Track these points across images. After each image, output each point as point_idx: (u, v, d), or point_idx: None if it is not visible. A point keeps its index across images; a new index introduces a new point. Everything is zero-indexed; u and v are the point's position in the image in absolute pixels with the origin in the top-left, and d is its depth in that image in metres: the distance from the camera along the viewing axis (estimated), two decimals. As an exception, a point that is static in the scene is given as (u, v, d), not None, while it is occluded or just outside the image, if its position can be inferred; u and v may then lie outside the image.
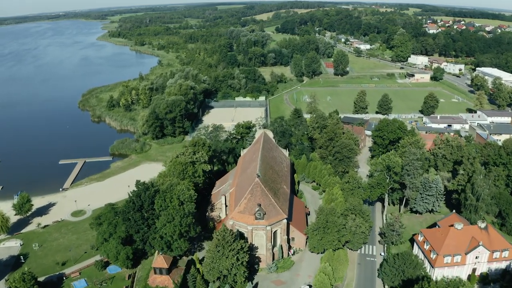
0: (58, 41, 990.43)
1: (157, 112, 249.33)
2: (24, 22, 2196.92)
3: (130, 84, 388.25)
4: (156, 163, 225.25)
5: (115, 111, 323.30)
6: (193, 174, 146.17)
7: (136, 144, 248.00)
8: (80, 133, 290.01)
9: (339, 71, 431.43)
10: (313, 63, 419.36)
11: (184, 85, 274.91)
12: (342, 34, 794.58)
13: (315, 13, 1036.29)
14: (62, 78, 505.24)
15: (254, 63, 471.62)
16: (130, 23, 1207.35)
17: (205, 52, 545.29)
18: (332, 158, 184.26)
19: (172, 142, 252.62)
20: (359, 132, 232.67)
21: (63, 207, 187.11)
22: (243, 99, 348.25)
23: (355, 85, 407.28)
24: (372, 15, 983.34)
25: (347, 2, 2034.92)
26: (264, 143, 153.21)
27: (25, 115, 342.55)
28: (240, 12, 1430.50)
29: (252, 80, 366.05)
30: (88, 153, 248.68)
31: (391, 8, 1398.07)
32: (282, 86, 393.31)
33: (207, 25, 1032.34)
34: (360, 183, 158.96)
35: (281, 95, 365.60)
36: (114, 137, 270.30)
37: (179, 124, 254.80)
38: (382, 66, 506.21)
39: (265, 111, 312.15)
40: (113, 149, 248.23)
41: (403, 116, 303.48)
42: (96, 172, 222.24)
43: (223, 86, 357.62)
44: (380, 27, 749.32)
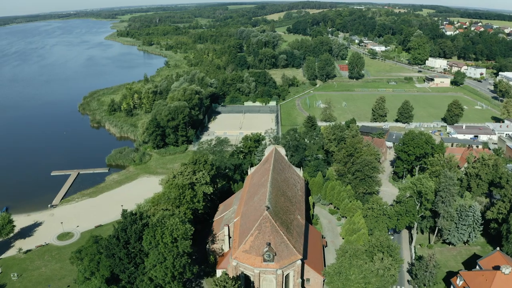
0: (65, 40, 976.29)
1: (158, 120, 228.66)
2: (35, 20, 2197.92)
3: (134, 87, 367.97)
4: (155, 177, 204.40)
5: (116, 116, 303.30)
6: (192, 199, 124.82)
7: (135, 154, 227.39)
8: (77, 139, 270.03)
9: (354, 74, 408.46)
10: (327, 65, 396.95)
11: (188, 89, 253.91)
12: (356, 35, 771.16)
13: (327, 13, 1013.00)
14: (65, 79, 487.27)
15: (265, 65, 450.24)
16: (140, 22, 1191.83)
17: (213, 53, 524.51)
18: (351, 176, 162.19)
19: (174, 152, 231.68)
20: (379, 145, 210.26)
21: (49, 227, 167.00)
22: (253, 104, 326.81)
23: (371, 89, 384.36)
24: (387, 15, 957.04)
25: (359, 2, 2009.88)
26: (275, 163, 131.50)
27: (22, 118, 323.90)
28: (251, 12, 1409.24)
29: (262, 84, 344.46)
30: (83, 163, 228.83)
31: (404, 9, 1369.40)
32: (294, 90, 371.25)
33: (217, 25, 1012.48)
34: (385, 209, 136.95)
35: (293, 100, 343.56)
36: (112, 145, 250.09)
37: (182, 133, 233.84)
38: (398, 69, 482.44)
39: (275, 117, 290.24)
40: (110, 159, 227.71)
41: (425, 125, 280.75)
42: (89, 186, 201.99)
43: (232, 90, 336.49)
44: (395, 28, 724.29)
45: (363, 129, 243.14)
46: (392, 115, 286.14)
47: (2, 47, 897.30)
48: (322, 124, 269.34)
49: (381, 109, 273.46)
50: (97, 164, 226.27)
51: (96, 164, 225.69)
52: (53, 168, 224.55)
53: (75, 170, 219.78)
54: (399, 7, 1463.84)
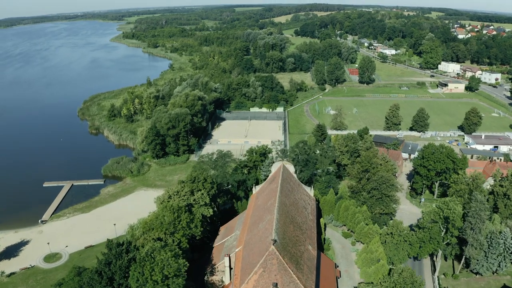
0: (70, 42, 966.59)
1: (158, 128, 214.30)
2: (41, 22, 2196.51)
3: (136, 91, 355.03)
4: (153, 190, 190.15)
5: (116, 121, 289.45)
6: (188, 224, 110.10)
7: (133, 164, 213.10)
8: (74, 147, 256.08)
9: (365, 79, 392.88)
10: (336, 69, 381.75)
11: (191, 95, 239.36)
12: (365, 38, 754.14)
13: (335, 16, 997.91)
14: (67, 81, 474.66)
15: (272, 69, 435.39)
16: (146, 24, 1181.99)
17: (219, 56, 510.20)
18: (367, 195, 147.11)
19: (174, 163, 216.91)
20: (395, 158, 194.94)
21: (37, 246, 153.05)
22: (259, 110, 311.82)
23: (382, 95, 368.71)
24: (396, 18, 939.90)
25: (367, 5, 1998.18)
26: (283, 183, 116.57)
27: (18, 123, 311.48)
28: (258, 14, 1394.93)
29: (269, 89, 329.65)
30: (78, 173, 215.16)
31: (413, 11, 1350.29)
32: (302, 95, 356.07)
33: (224, 27, 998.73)
34: (407, 235, 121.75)
35: (301, 106, 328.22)
36: (110, 154, 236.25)
37: (184, 142, 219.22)
38: (410, 73, 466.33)
39: (283, 124, 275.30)
40: (107, 170, 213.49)
41: (441, 134, 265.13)
42: (82, 200, 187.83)
43: (237, 95, 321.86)
44: (405, 31, 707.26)
45: (376, 139, 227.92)
46: (405, 123, 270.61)
47: (7, 48, 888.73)
48: (333, 132, 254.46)
49: (395, 117, 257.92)
50: (93, 174, 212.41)
51: (91, 175, 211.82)
52: (46, 178, 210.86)
53: (68, 181, 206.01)
54: (408, 10, 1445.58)
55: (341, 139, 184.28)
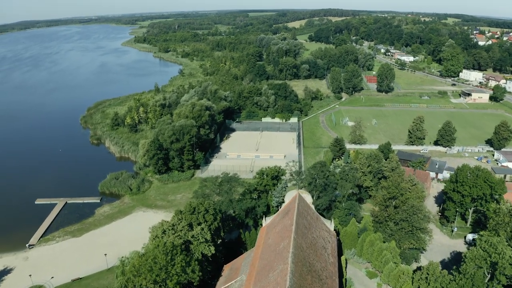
0: (81, 46, 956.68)
1: (161, 141, 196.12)
2: (55, 25, 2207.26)
3: (143, 98, 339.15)
4: (152, 211, 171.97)
5: (119, 131, 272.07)
6: (184, 269, 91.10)
7: (133, 181, 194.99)
8: (72, 159, 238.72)
9: (384, 87, 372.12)
10: (354, 77, 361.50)
11: (197, 105, 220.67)
12: (381, 44, 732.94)
13: (351, 21, 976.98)
14: (74, 87, 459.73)
15: (285, 75, 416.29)
16: (158, 28, 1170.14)
17: (231, 62, 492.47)
18: (394, 226, 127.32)
19: (178, 180, 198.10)
20: (423, 179, 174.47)
21: (19, 277, 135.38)
22: (271, 120, 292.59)
23: (403, 105, 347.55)
24: (413, 24, 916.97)
25: (381, 11, 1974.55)
26: (299, 219, 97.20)
27: (16, 131, 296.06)
28: (271, 19, 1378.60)
29: (282, 97, 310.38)
30: (73, 189, 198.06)
31: (428, 17, 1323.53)
32: (318, 104, 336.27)
33: (237, 32, 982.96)
34: (444, 281, 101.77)
35: (317, 116, 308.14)
36: (110, 167, 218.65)
37: (188, 156, 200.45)
38: (430, 82, 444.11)
39: (297, 137, 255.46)
40: (104, 186, 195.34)
41: (469, 149, 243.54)
42: (75, 221, 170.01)
43: (248, 104, 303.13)
44: (423, 37, 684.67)
45: (400, 155, 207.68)
46: (429, 136, 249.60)
47: (17, 52, 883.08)
48: (351, 146, 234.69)
49: (419, 130, 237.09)
50: (89, 191, 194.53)
51: (87, 191, 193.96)
52: (39, 194, 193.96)
53: (62, 198, 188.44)
54: (423, 16, 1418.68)
55: (363, 158, 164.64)
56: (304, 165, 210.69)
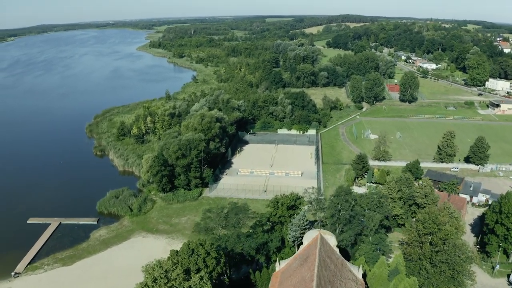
0: (96, 50, 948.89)
1: (166, 156, 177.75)
2: (72, 29, 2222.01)
3: (153, 105, 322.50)
4: (153, 237, 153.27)
5: (124, 142, 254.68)
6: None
7: (134, 200, 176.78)
8: (71, 173, 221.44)
9: (407, 97, 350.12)
10: (375, 86, 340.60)
11: (207, 116, 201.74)
12: (401, 51, 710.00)
13: (369, 27, 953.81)
14: (84, 92, 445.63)
15: (303, 83, 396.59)
16: (174, 33, 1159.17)
17: (246, 68, 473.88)
18: (431, 269, 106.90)
19: (184, 199, 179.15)
20: (459, 206, 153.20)
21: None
22: (288, 132, 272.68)
23: (427, 116, 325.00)
24: (434, 30, 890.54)
25: (400, 17, 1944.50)
26: (321, 270, 77.41)
27: (19, 140, 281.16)
28: (288, 25, 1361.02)
29: (299, 107, 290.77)
30: (69, 207, 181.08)
31: (448, 24, 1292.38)
32: (337, 114, 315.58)
33: (253, 37, 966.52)
34: None
35: (336, 128, 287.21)
36: (111, 182, 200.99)
37: (196, 174, 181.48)
38: (455, 91, 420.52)
39: (315, 151, 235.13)
40: (103, 205, 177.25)
41: (503, 167, 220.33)
42: (67, 245, 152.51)
43: (263, 114, 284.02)
44: (445, 44, 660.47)
45: (430, 175, 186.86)
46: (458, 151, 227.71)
47: (32, 55, 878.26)
48: (374, 163, 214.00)
49: (449, 146, 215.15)
50: (86, 210, 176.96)
51: (84, 210, 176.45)
52: (33, 212, 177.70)
53: (56, 218, 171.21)
54: (442, 22, 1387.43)
55: (393, 182, 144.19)
56: (323, 184, 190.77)
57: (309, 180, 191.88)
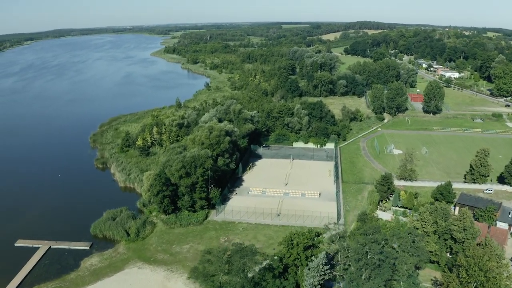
0: (110, 55, 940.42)
1: (168, 174, 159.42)
2: (89, 34, 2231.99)
3: (162, 114, 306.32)
4: (149, 268, 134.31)
5: (128, 154, 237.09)
6: None
7: (132, 223, 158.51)
8: (70, 187, 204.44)
9: (431, 108, 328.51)
10: (398, 96, 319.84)
11: (216, 129, 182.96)
12: (422, 58, 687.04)
13: (388, 34, 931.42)
14: (92, 99, 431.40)
15: (320, 92, 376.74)
16: (189, 39, 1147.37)
17: (261, 75, 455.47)
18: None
19: (187, 223, 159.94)
20: (501, 240, 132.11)
21: None
22: (304, 145, 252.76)
23: (454, 129, 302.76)
24: (456, 37, 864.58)
25: (418, 24, 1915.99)
26: None
27: (18, 150, 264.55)
28: (305, 32, 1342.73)
29: (317, 118, 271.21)
30: (62, 227, 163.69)
31: (467, 31, 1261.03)
32: (357, 126, 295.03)
33: (270, 43, 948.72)
34: None
35: (356, 141, 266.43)
36: (110, 200, 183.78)
37: (201, 194, 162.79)
38: (480, 101, 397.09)
39: (334, 168, 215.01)
40: (97, 228, 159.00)
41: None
42: (54, 275, 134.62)
43: (278, 125, 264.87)
44: (467, 52, 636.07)
45: (463, 200, 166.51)
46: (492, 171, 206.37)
47: (46, 59, 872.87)
48: (400, 183, 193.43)
49: (483, 166, 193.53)
50: (80, 232, 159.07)
51: (77, 232, 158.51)
52: (23, 232, 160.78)
53: (46, 241, 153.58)
54: (462, 30, 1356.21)
55: (427, 213, 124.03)
56: (343, 207, 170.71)
57: (328, 203, 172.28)
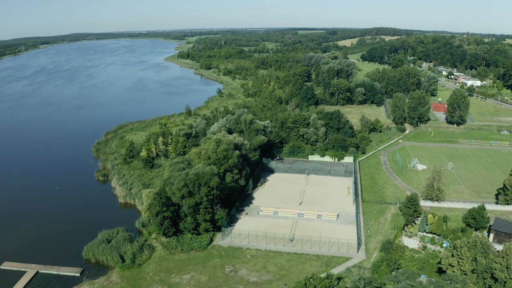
0: (123, 60, 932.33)
1: (169, 193, 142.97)
2: (105, 38, 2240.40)
3: (171, 122, 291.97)
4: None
5: (132, 166, 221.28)
6: None
7: (129, 246, 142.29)
8: (66, 202, 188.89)
9: (455, 118, 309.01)
10: (420, 105, 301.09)
11: (223, 142, 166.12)
12: (441, 66, 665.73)
13: (407, 40, 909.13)
14: (100, 104, 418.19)
15: (337, 100, 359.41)
16: (204, 44, 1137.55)
17: (276, 82, 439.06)
18: None
19: (190, 248, 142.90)
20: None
21: None
22: (320, 158, 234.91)
23: (480, 141, 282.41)
24: (476, 44, 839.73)
25: (434, 30, 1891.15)
26: None
27: (16, 159, 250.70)
28: (321, 37, 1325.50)
29: (334, 129, 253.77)
30: (52, 249, 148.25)
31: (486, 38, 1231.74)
32: (377, 137, 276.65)
33: (285, 49, 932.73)
34: None
35: (377, 154, 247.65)
36: (107, 218, 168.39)
37: (205, 216, 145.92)
38: (506, 112, 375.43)
39: (353, 184, 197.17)
40: (90, 251, 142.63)
41: None
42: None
43: (293, 136, 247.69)
44: (488, 59, 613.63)
45: (498, 226, 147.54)
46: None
47: (59, 63, 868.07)
48: (426, 204, 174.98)
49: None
50: (72, 254, 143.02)
51: (68, 256, 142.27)
52: (10, 254, 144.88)
53: (34, 265, 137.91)
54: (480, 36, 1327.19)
55: (464, 250, 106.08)
56: (364, 232, 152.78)
57: (347, 226, 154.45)
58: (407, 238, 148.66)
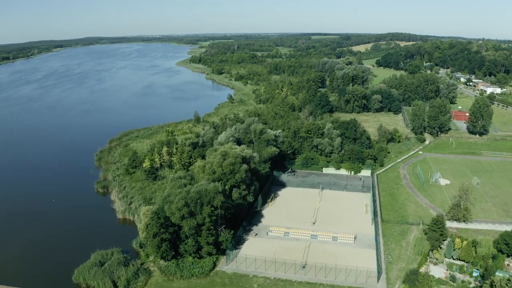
0: (135, 64, 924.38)
1: (168, 213, 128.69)
2: (118, 42, 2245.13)
3: (179, 129, 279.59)
4: None
5: (134, 177, 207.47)
6: None
7: (123, 271, 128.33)
8: (61, 216, 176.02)
9: (478, 128, 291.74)
10: (441, 114, 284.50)
11: (230, 156, 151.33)
12: (459, 72, 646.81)
13: (423, 46, 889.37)
14: (108, 110, 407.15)
15: (353, 107, 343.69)
16: (216, 48, 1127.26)
17: (289, 88, 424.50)
18: None
19: (190, 274, 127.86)
20: None
21: None
22: (336, 171, 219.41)
23: (505, 153, 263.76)
24: (495, 50, 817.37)
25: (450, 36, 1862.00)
26: None
27: (14, 167, 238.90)
28: (335, 43, 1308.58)
29: (350, 139, 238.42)
30: (41, 270, 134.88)
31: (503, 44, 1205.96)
32: (395, 148, 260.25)
33: (298, 54, 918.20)
34: None
35: (396, 167, 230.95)
36: (103, 236, 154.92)
37: (208, 239, 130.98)
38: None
39: (371, 200, 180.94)
40: (81, 275, 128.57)
41: None
42: None
43: (306, 147, 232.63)
44: (507, 66, 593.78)
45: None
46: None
47: (70, 67, 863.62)
48: (452, 225, 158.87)
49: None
50: (61, 277, 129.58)
51: (57, 279, 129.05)
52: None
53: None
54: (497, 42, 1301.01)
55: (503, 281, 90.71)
56: (385, 258, 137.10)
57: (365, 250, 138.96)
58: (433, 266, 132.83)
